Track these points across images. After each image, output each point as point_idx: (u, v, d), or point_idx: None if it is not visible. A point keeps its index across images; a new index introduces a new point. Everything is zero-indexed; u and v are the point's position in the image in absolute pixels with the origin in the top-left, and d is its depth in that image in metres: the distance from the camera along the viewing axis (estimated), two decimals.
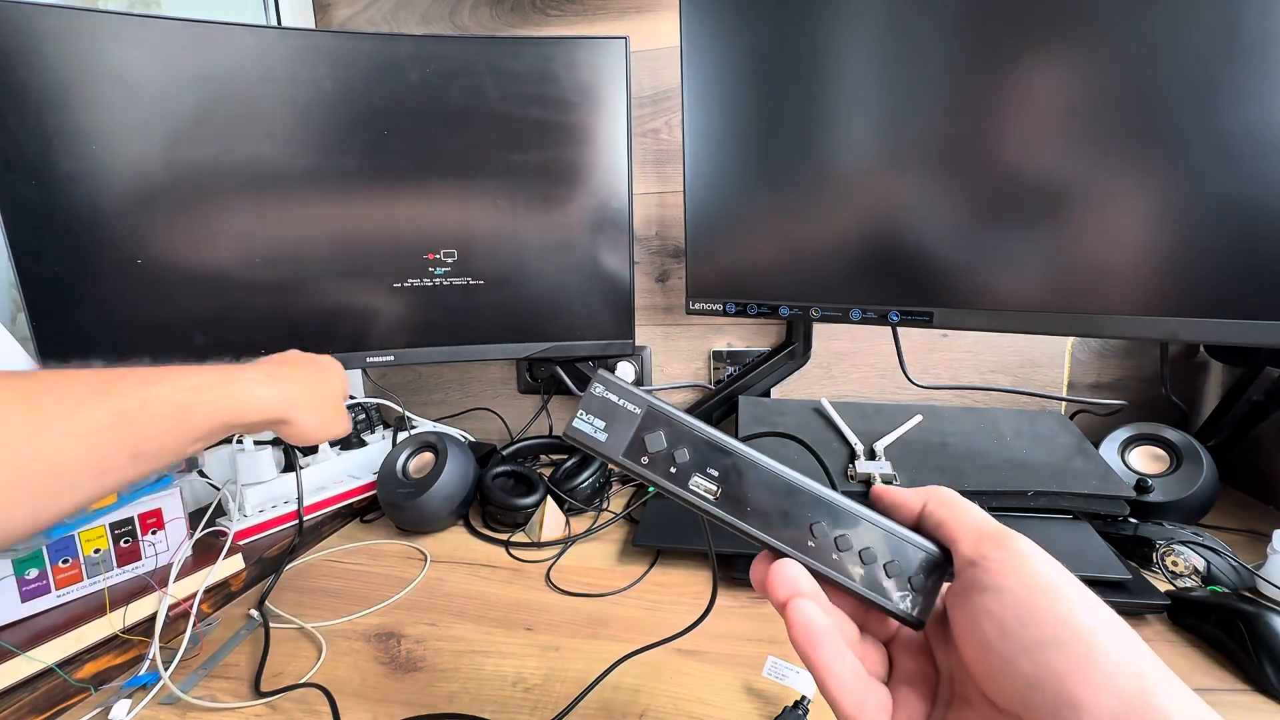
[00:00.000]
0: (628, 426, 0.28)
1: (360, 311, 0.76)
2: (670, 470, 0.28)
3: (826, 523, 0.27)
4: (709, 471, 0.28)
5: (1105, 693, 0.20)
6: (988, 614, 0.23)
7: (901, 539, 0.27)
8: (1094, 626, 0.21)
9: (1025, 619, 0.22)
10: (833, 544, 0.27)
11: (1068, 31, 0.56)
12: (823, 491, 0.27)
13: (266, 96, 0.68)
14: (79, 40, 0.60)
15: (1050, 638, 0.21)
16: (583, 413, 0.28)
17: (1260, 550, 0.54)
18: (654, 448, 0.28)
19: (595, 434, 0.28)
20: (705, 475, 0.28)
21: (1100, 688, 0.20)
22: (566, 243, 0.80)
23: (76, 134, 0.61)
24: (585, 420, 0.28)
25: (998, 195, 0.60)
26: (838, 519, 0.27)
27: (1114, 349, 0.85)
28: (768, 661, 0.43)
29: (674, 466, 0.28)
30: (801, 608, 0.25)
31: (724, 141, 0.72)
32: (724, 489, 0.28)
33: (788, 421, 0.73)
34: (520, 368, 1.00)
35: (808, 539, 0.27)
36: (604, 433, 0.28)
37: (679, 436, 0.28)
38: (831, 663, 0.24)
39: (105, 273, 0.64)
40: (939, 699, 0.26)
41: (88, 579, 0.54)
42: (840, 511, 0.27)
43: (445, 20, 0.96)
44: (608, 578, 0.60)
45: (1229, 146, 0.51)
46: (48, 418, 0.30)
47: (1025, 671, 0.21)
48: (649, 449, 0.28)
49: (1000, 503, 0.60)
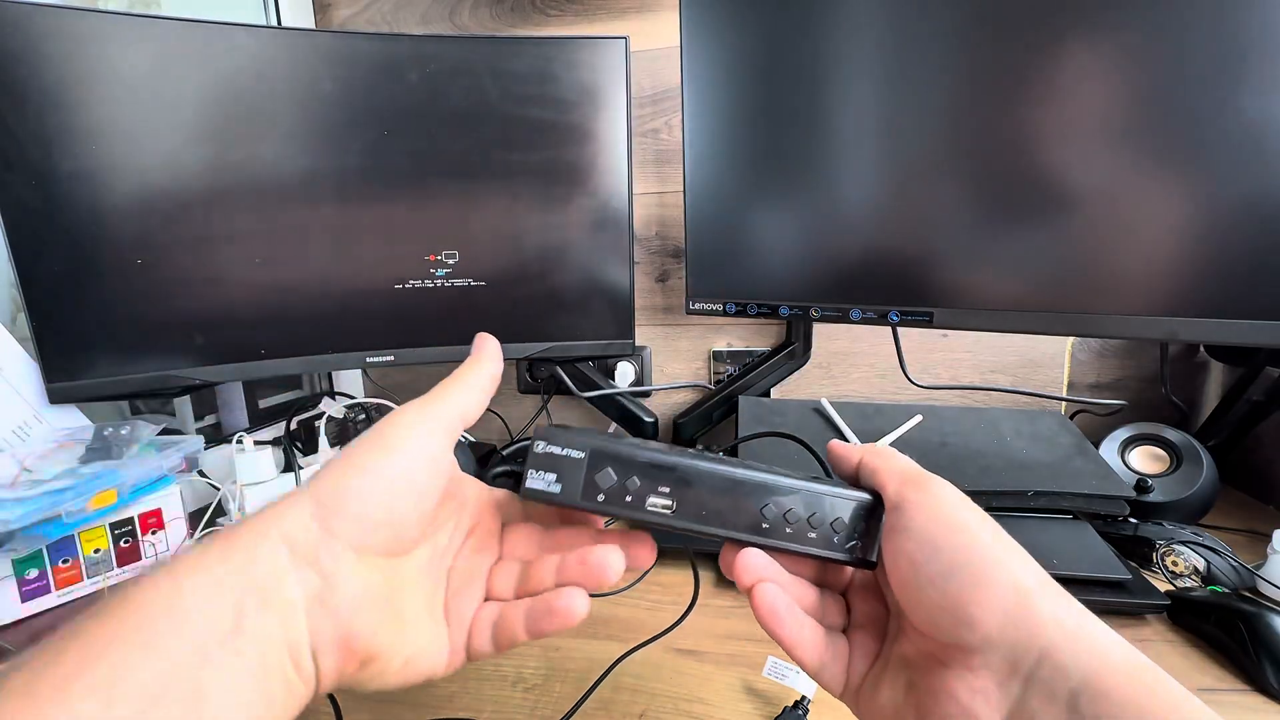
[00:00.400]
0: (577, 472, 0.30)
1: (361, 312, 0.76)
2: (626, 500, 0.30)
3: (773, 502, 0.29)
4: (660, 490, 0.30)
5: (992, 609, 0.23)
6: (903, 551, 0.26)
7: (840, 496, 0.30)
8: (986, 555, 0.24)
9: (930, 554, 0.25)
10: (783, 519, 0.29)
11: (1068, 32, 0.56)
12: (763, 476, 0.30)
13: (266, 96, 0.68)
14: (79, 40, 0.60)
15: (949, 567, 0.24)
16: (532, 471, 0.30)
17: (1260, 550, 0.54)
18: (606, 484, 0.30)
19: (549, 488, 0.30)
20: (658, 494, 0.30)
21: (988, 606, 0.23)
22: (566, 243, 0.80)
23: (76, 134, 0.61)
24: (536, 477, 0.30)
25: (998, 195, 0.60)
26: (782, 496, 0.30)
27: (1114, 349, 0.85)
28: (768, 661, 0.43)
29: (629, 496, 0.30)
30: (762, 592, 0.28)
31: (724, 141, 0.72)
32: (678, 501, 0.30)
33: (788, 421, 0.73)
34: (520, 368, 1.00)
35: (761, 522, 0.29)
36: (557, 484, 0.30)
37: (626, 467, 0.30)
38: (793, 633, 0.29)
39: (105, 273, 0.64)
40: (888, 635, 0.29)
41: (88, 579, 0.54)
42: (783, 489, 0.30)
43: (445, 20, 0.96)
44: None
45: (1230, 147, 0.51)
46: None
47: (933, 599, 0.25)
48: (602, 487, 0.30)
49: (1000, 503, 0.60)
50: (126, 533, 0.56)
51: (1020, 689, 0.23)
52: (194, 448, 0.61)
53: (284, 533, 0.25)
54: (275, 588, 0.24)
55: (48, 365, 0.62)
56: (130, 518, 0.56)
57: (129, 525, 0.56)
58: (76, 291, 0.63)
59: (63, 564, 0.52)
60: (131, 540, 0.56)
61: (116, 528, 0.55)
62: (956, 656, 0.24)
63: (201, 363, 0.69)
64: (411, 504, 0.27)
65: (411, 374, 1.05)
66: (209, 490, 0.68)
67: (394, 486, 0.27)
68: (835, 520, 0.29)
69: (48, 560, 0.51)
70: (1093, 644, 0.22)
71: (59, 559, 0.52)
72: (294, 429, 0.79)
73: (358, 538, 0.26)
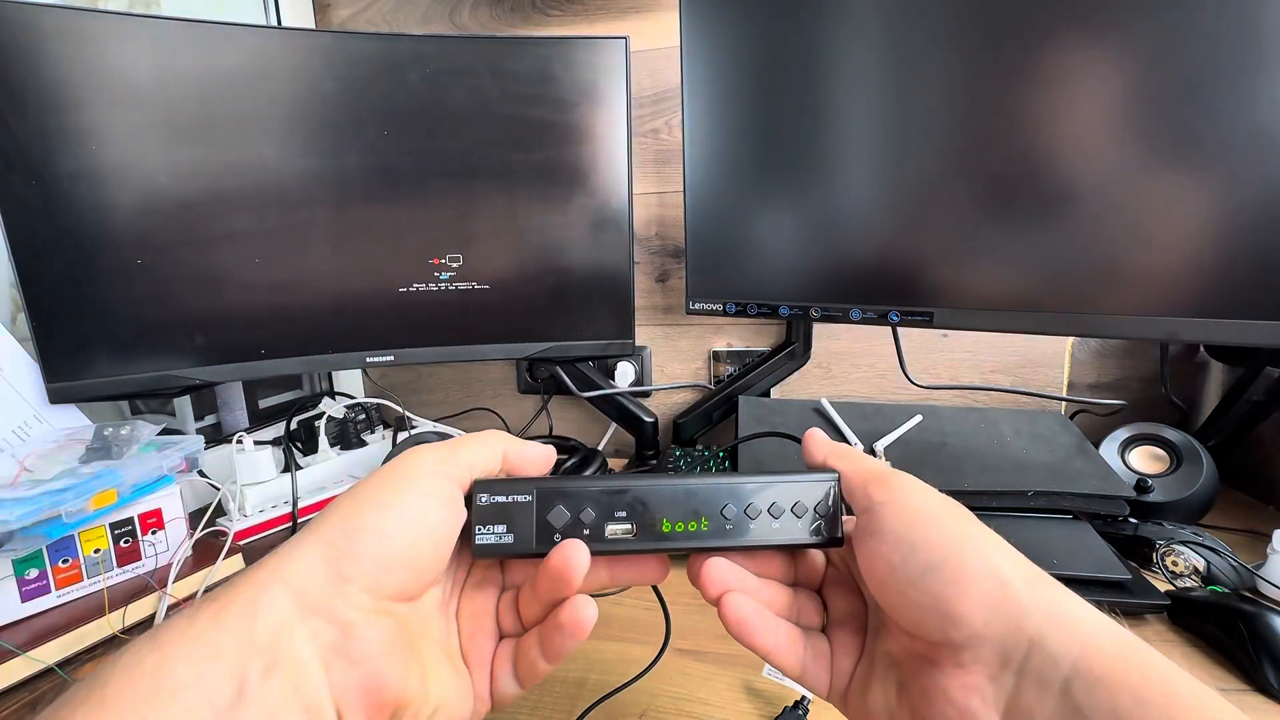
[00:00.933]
0: (527, 516, 0.29)
1: (363, 314, 0.76)
2: (585, 534, 0.29)
3: (732, 503, 0.29)
4: (617, 515, 0.29)
5: (975, 603, 0.23)
6: (879, 554, 0.26)
7: (797, 482, 0.30)
8: (962, 547, 0.24)
9: (906, 553, 0.25)
10: (744, 515, 0.29)
11: (1069, 31, 0.56)
12: (716, 480, 0.30)
13: (266, 96, 0.68)
14: (79, 40, 0.60)
15: (927, 564, 0.24)
16: (479, 527, 0.28)
17: (1260, 550, 0.54)
18: (560, 522, 0.29)
19: (501, 540, 0.28)
20: (616, 520, 0.29)
21: (971, 600, 0.23)
22: (567, 243, 0.80)
23: (76, 134, 0.61)
24: (486, 532, 0.28)
25: (998, 194, 0.60)
26: (739, 495, 0.29)
27: (1114, 349, 0.85)
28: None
29: (586, 529, 0.29)
30: (729, 604, 0.28)
31: (724, 141, 0.72)
32: (637, 523, 0.29)
33: (787, 422, 0.73)
34: (520, 368, 1.00)
35: (725, 524, 0.29)
36: (509, 534, 0.28)
37: (578, 500, 0.29)
38: (767, 640, 0.28)
39: (105, 273, 0.64)
40: (869, 629, 0.29)
41: (88, 579, 0.54)
42: (738, 488, 0.29)
43: (445, 20, 0.96)
44: None
45: (1231, 147, 0.51)
46: None
47: (914, 599, 0.24)
48: (557, 526, 0.29)
49: (1000, 503, 0.60)
50: (126, 533, 0.56)
51: (1013, 681, 0.22)
52: (194, 448, 0.61)
53: (288, 581, 0.23)
54: (282, 646, 0.21)
55: (48, 365, 0.62)
56: (130, 518, 0.56)
57: (129, 525, 0.56)
58: (76, 291, 0.63)
59: (63, 564, 0.52)
60: (131, 540, 0.56)
61: (116, 528, 0.55)
62: (945, 654, 0.24)
63: (201, 363, 0.69)
64: (430, 541, 0.26)
65: (412, 374, 1.05)
66: (209, 490, 0.68)
67: (414, 522, 0.25)
68: (796, 505, 0.29)
69: (48, 560, 0.51)
70: (1080, 629, 0.22)
71: (59, 559, 0.52)
72: (294, 429, 0.79)
73: (375, 579, 0.24)
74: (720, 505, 0.29)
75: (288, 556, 0.24)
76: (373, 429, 0.85)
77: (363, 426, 0.84)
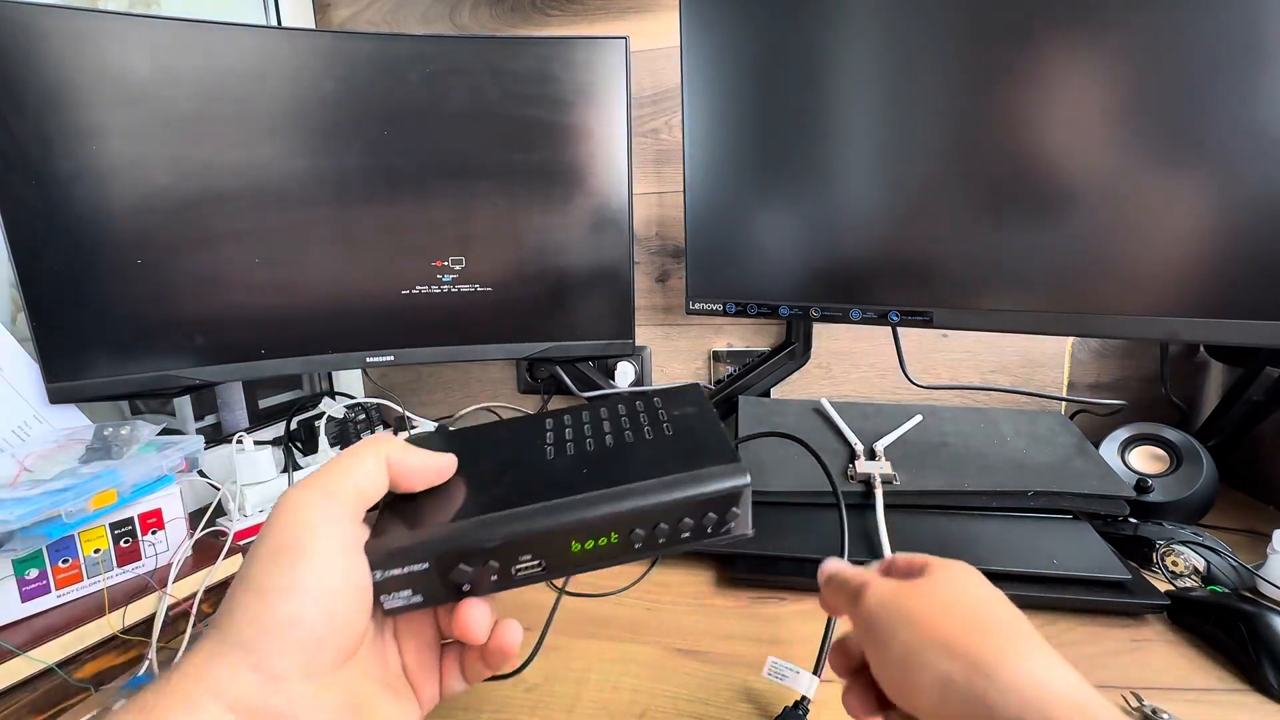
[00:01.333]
0: (430, 580, 0.27)
1: (365, 314, 0.76)
2: (493, 580, 0.28)
3: (637, 525, 0.28)
4: (523, 558, 0.28)
5: (925, 696, 0.25)
6: (876, 663, 0.28)
7: (695, 490, 0.28)
8: (914, 649, 0.26)
9: (882, 652, 0.27)
10: (653, 534, 0.28)
11: (1070, 31, 0.56)
12: (613, 506, 0.28)
13: (266, 96, 0.68)
14: (79, 40, 0.60)
15: (889, 662, 0.27)
16: (383, 595, 0.27)
17: (1260, 550, 0.54)
18: (465, 578, 0.27)
19: (410, 602, 0.27)
20: (523, 563, 0.28)
21: (921, 694, 0.25)
22: (567, 243, 0.80)
23: (76, 134, 0.61)
24: (393, 598, 0.27)
25: (998, 194, 0.60)
26: (641, 515, 0.28)
27: (1114, 349, 0.85)
28: (768, 662, 0.43)
29: (494, 576, 0.28)
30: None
31: (724, 141, 0.72)
32: (545, 557, 0.28)
33: (788, 421, 0.73)
34: (520, 368, 1.00)
35: (634, 544, 0.28)
36: (416, 595, 0.27)
37: (477, 556, 0.27)
38: None
39: (105, 273, 0.64)
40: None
41: (88, 579, 0.54)
42: (639, 510, 0.28)
43: (445, 20, 0.96)
44: (608, 577, 0.60)
45: (1233, 147, 0.51)
46: None
47: (887, 684, 0.27)
48: (462, 581, 0.27)
49: (1000, 503, 0.60)
50: (126, 533, 0.56)
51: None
52: (194, 448, 0.61)
53: (220, 694, 0.22)
54: None
55: (48, 365, 0.62)
56: (130, 518, 0.56)
57: (129, 525, 0.56)
58: (76, 291, 0.63)
59: (63, 564, 0.52)
60: (131, 540, 0.56)
61: (116, 528, 0.55)
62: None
63: (201, 363, 0.69)
64: (348, 604, 0.25)
65: (412, 374, 1.05)
66: (209, 490, 0.68)
67: (326, 595, 0.24)
68: (702, 515, 0.28)
69: (48, 560, 0.51)
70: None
71: (59, 559, 0.52)
72: (294, 429, 0.79)
73: (305, 664, 0.23)
74: (627, 528, 0.28)
75: (207, 666, 0.22)
76: (373, 429, 0.86)
77: (363, 426, 0.84)
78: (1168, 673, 0.45)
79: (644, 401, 0.33)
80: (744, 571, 0.56)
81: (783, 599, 0.54)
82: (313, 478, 0.26)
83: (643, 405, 0.33)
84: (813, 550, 0.55)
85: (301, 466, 0.75)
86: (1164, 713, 0.40)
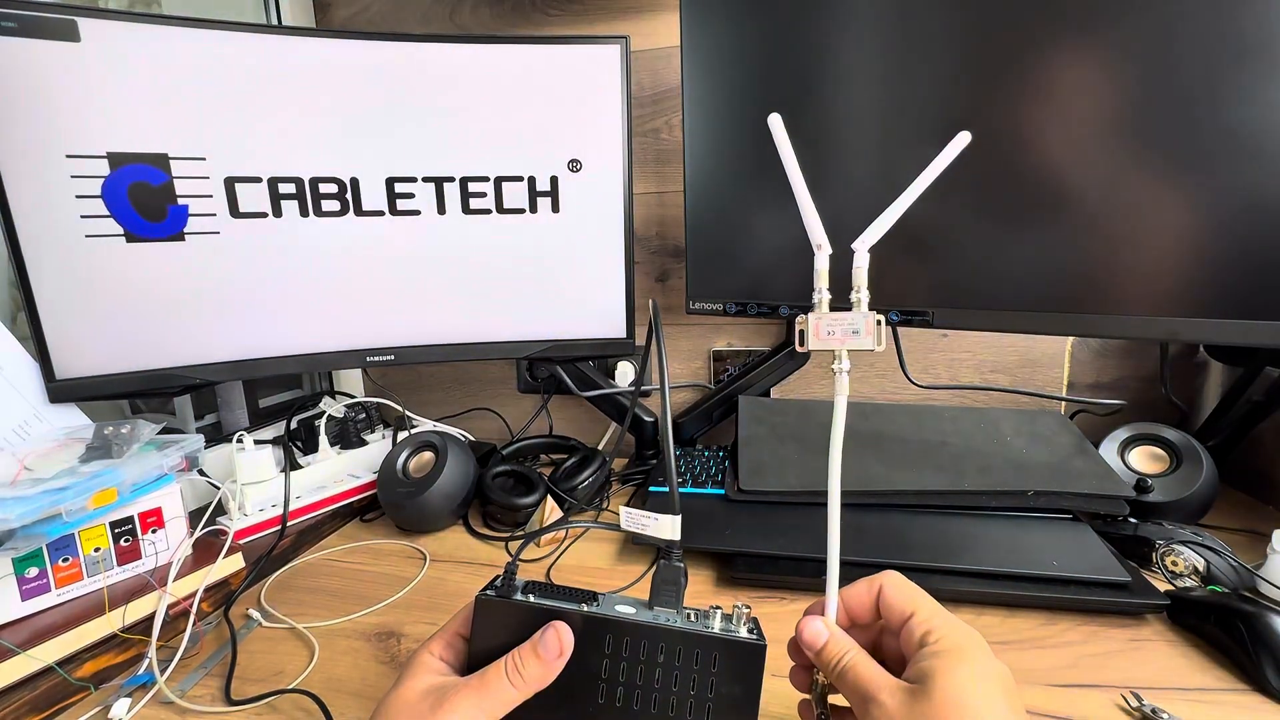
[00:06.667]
0: None
1: (364, 315, 0.76)
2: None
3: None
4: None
5: None
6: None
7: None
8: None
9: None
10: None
11: (1072, 31, 0.56)
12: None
13: (266, 96, 0.68)
14: (79, 40, 0.60)
15: None
16: None
17: (1260, 550, 0.54)
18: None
19: None
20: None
21: None
22: (566, 243, 0.80)
23: (77, 134, 0.61)
24: None
25: (998, 195, 0.60)
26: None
27: (1114, 349, 0.85)
28: (621, 512, 0.42)
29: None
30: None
31: (724, 141, 0.72)
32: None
33: (788, 421, 0.73)
34: (520, 367, 1.00)
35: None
36: None
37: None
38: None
39: (106, 272, 0.64)
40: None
41: (88, 578, 0.54)
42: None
43: (445, 20, 0.96)
44: (607, 576, 0.60)
45: (1232, 147, 0.51)
46: None
47: None
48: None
49: (1000, 503, 0.60)
50: (126, 531, 0.56)
51: None
52: (194, 447, 0.61)
53: None
54: None
55: (48, 364, 0.62)
56: (130, 516, 0.56)
57: (129, 524, 0.56)
58: (76, 290, 0.63)
59: (63, 563, 0.52)
60: (131, 539, 0.56)
61: (116, 526, 0.55)
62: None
63: (201, 362, 0.69)
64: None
65: (412, 373, 1.05)
66: (209, 489, 0.68)
67: None
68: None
69: (48, 559, 0.51)
70: None
71: (59, 557, 0.52)
72: (294, 428, 0.79)
73: None
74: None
75: None
76: (373, 428, 0.86)
77: (363, 426, 0.84)
78: (1167, 672, 0.45)
79: (702, 654, 0.33)
80: (744, 571, 0.56)
81: (783, 599, 0.54)
82: (469, 688, 0.31)
83: (699, 662, 0.33)
84: (813, 550, 0.55)
85: (302, 466, 0.75)
86: (1164, 712, 0.40)
